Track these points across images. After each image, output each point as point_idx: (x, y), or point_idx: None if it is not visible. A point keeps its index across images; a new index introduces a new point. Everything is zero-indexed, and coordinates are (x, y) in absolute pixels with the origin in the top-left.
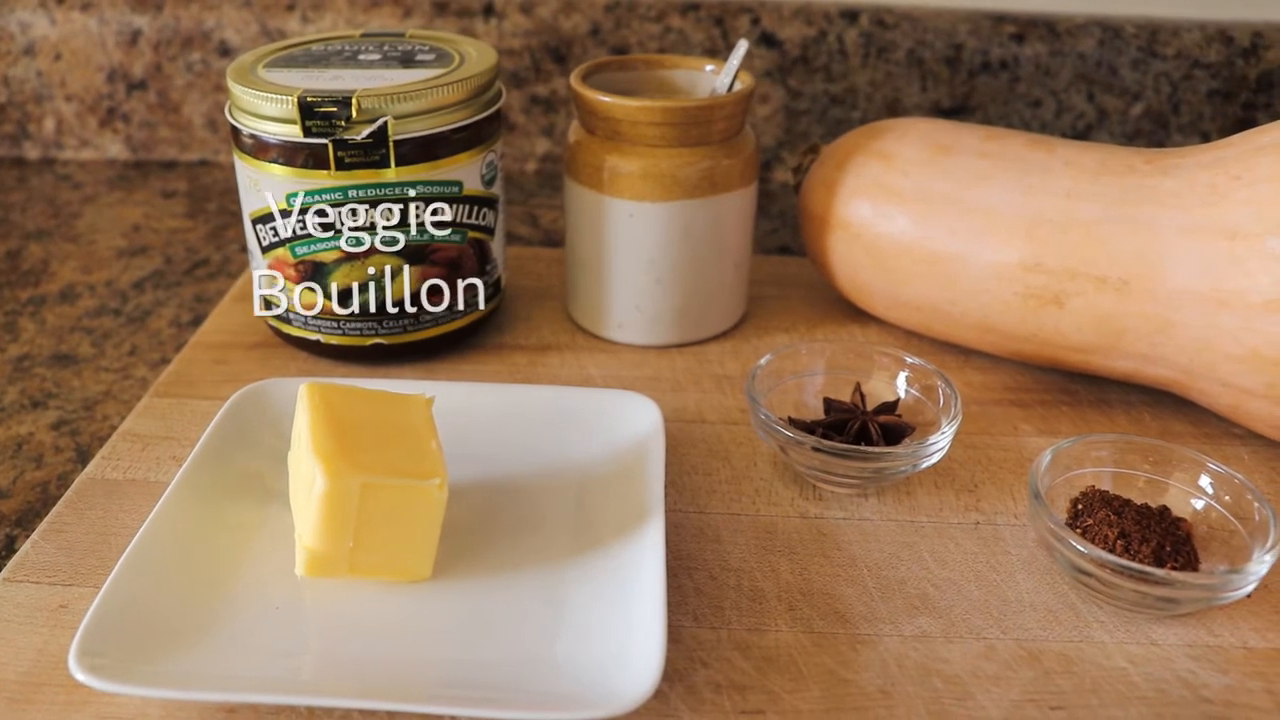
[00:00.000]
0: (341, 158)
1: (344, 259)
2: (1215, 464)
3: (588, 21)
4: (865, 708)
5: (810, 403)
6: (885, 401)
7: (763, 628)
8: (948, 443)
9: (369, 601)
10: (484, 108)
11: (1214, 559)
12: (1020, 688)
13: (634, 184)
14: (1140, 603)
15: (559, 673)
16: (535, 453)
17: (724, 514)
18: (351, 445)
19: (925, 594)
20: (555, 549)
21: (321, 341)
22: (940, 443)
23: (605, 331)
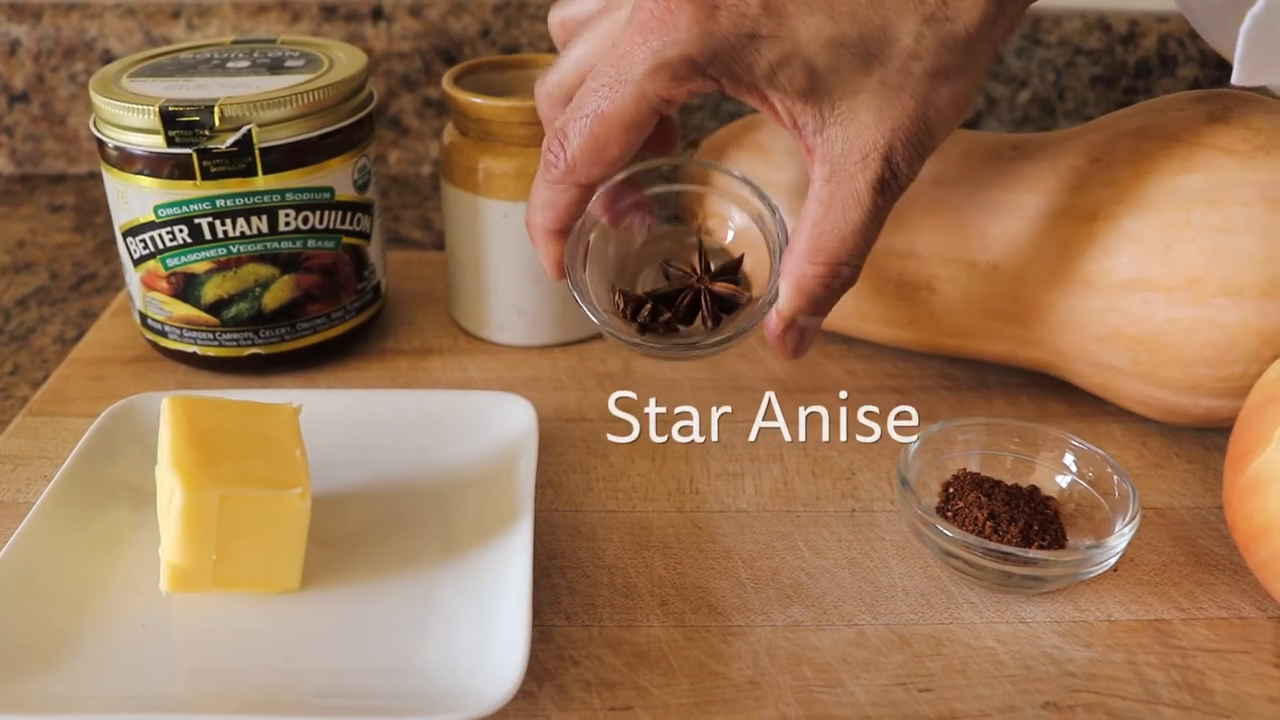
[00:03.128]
0: (207, 167)
1: (216, 269)
2: (1079, 441)
3: (478, 23)
4: (734, 699)
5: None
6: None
7: (634, 624)
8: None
9: (237, 614)
10: (354, 112)
11: (1081, 535)
12: (890, 672)
13: (508, 184)
14: (1008, 582)
15: (426, 676)
16: (409, 457)
17: (600, 511)
18: (211, 457)
19: (799, 583)
20: (426, 553)
21: (198, 354)
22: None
23: (487, 333)
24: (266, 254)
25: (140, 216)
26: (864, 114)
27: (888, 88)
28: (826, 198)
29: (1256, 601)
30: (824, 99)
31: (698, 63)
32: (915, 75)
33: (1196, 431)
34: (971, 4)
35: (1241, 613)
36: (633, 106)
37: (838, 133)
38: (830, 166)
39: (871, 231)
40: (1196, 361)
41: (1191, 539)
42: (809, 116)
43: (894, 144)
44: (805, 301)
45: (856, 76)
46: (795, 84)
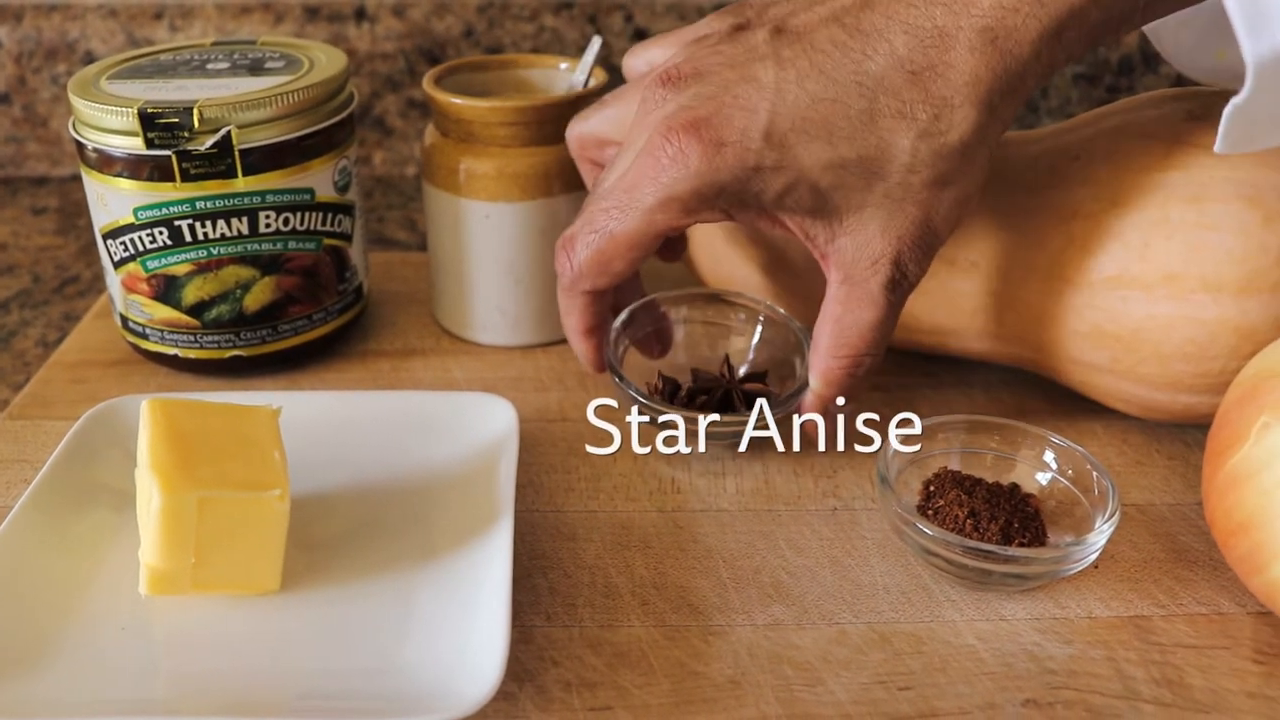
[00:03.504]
0: (186, 169)
1: (196, 271)
2: (1059, 438)
3: (461, 23)
4: (715, 699)
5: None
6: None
7: (615, 624)
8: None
9: (217, 616)
10: (334, 113)
11: (1061, 532)
12: (870, 670)
13: (489, 185)
14: (988, 580)
15: (406, 678)
16: (390, 458)
17: (581, 512)
18: (190, 460)
19: (780, 582)
20: (406, 554)
21: (179, 356)
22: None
23: (469, 334)
24: (247, 256)
25: (120, 219)
26: (871, 225)
27: (891, 200)
28: (844, 298)
29: (1235, 597)
30: (832, 215)
31: (706, 196)
32: (915, 186)
33: (1177, 428)
34: (963, 116)
35: (1220, 608)
36: (639, 232)
37: (848, 242)
38: (845, 272)
39: (887, 325)
40: (1175, 358)
41: (1172, 535)
42: (819, 230)
43: (901, 250)
44: (832, 390)
45: (860, 193)
46: (803, 205)
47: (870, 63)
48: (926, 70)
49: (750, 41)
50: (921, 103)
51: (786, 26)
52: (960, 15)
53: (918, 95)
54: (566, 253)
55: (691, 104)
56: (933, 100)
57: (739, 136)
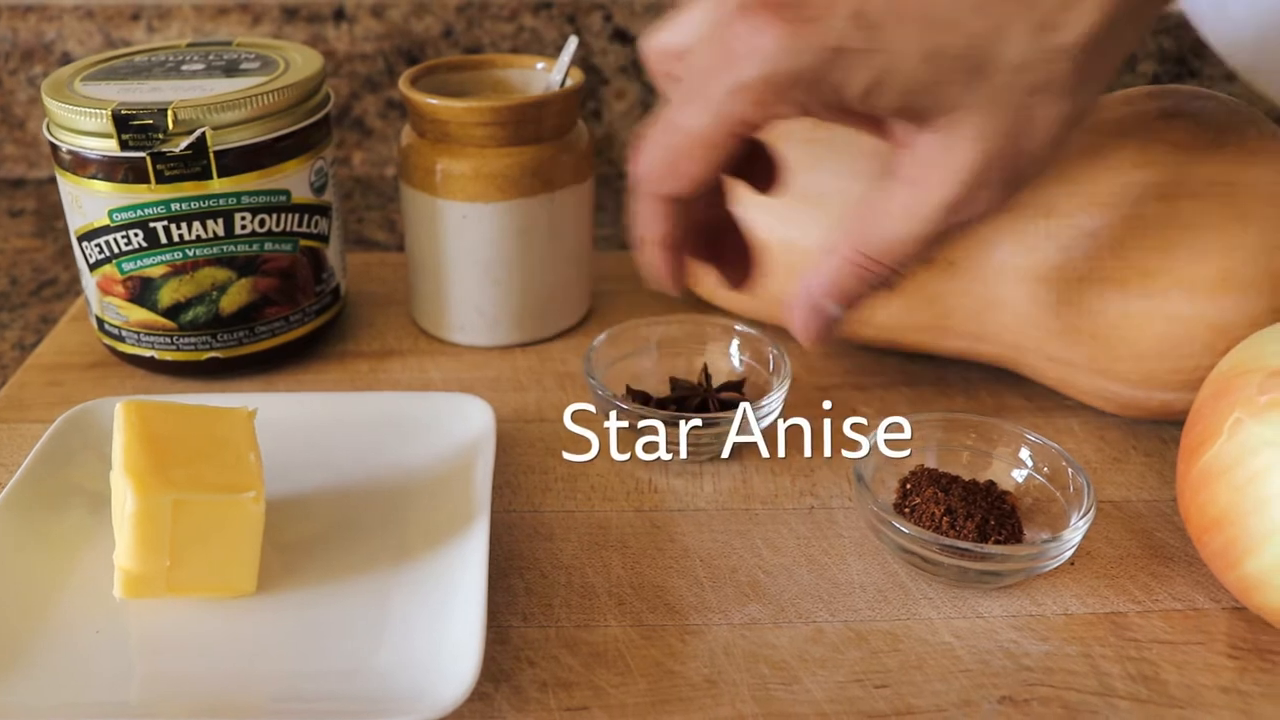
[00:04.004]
0: (161, 171)
1: (172, 273)
2: (1035, 436)
3: (440, 23)
4: (691, 698)
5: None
6: (731, 380)
7: (592, 624)
8: (779, 403)
9: (193, 619)
10: (309, 114)
11: (1037, 529)
12: (847, 669)
13: (465, 185)
14: (965, 577)
15: (381, 679)
16: (367, 460)
17: (558, 512)
18: (164, 462)
19: (756, 581)
20: (383, 556)
21: (156, 358)
22: (772, 404)
23: (447, 334)
24: (223, 257)
25: (95, 221)
26: (963, 129)
27: (991, 105)
28: (892, 193)
29: (1211, 593)
30: (922, 116)
31: (780, 84)
32: (1019, 89)
33: (1154, 425)
34: (1092, 8)
35: (1196, 604)
36: (708, 127)
37: (932, 141)
38: (916, 171)
39: (926, 250)
40: (1151, 355)
41: (1148, 532)
42: (901, 126)
43: (986, 168)
44: (836, 287)
45: (959, 91)
46: (891, 102)
47: None
48: None
49: None
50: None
51: None
52: None
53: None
54: (639, 154)
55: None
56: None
57: (822, 13)
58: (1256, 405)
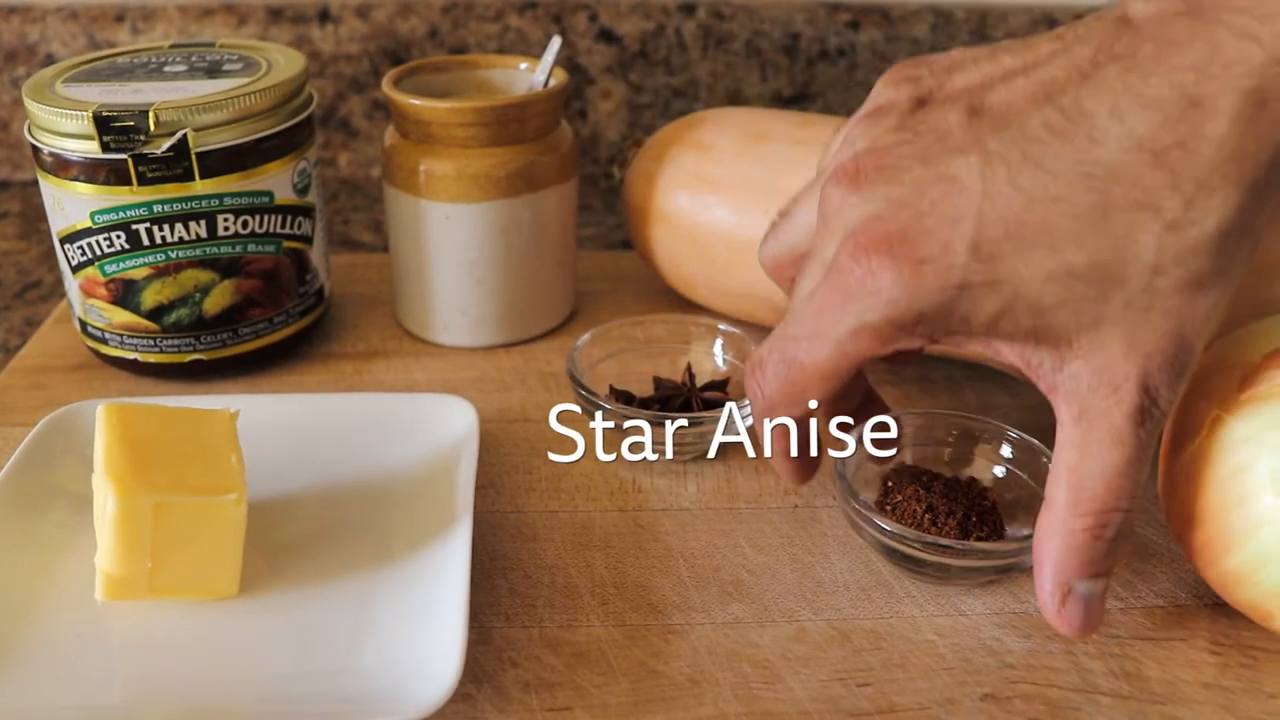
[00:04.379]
0: (143, 172)
1: (154, 275)
2: (1014, 431)
3: (425, 24)
4: (673, 697)
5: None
6: (715, 380)
7: (575, 624)
8: None
9: (175, 622)
10: (292, 115)
11: (1019, 525)
12: (829, 667)
13: (449, 186)
14: (947, 574)
15: (364, 680)
16: (350, 461)
17: (542, 512)
18: (146, 464)
19: (740, 580)
20: (366, 557)
21: (139, 360)
22: None
23: (431, 335)
24: (206, 259)
25: (77, 223)
26: (1111, 344)
27: (1133, 311)
28: (1080, 440)
29: (1193, 589)
30: (1060, 337)
31: (904, 324)
32: (1163, 291)
33: None
34: (1222, 200)
35: (1178, 600)
36: (832, 363)
37: (1082, 367)
38: (1080, 405)
39: (1138, 469)
40: None
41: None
42: (1045, 356)
43: (1149, 370)
44: (1079, 561)
45: (1094, 306)
46: (1022, 327)
47: (1099, 148)
48: (1174, 148)
49: (941, 124)
50: (1168, 188)
51: (985, 107)
52: (1219, 78)
53: (1162, 180)
54: (757, 380)
55: (881, 212)
56: (1182, 184)
57: (939, 252)
58: (1235, 402)
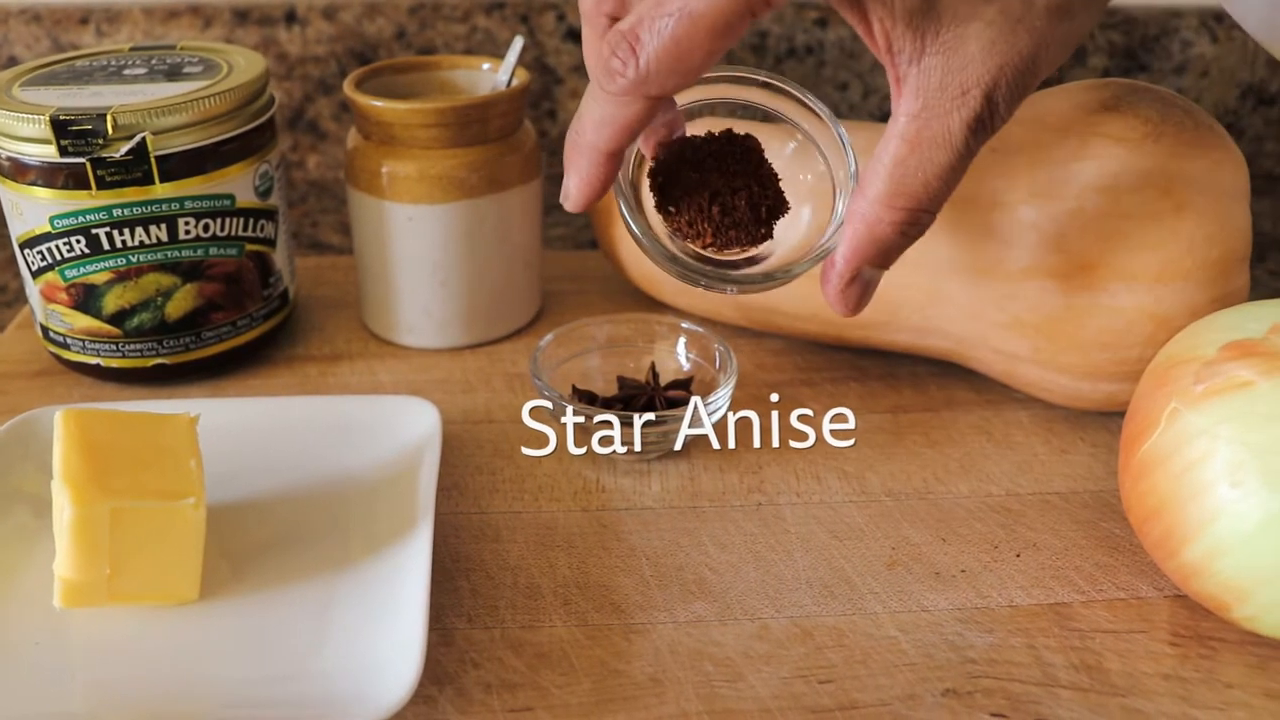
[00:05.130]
0: (102, 176)
1: (116, 280)
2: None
3: (392, 25)
4: (635, 697)
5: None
6: (678, 379)
7: (537, 624)
8: (727, 399)
9: (135, 628)
10: (253, 118)
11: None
12: (791, 664)
13: (411, 187)
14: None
15: (324, 683)
16: (313, 464)
17: (505, 512)
18: (103, 470)
19: (703, 579)
20: (328, 560)
21: (102, 365)
22: (719, 400)
23: (397, 337)
24: (167, 263)
25: (36, 228)
26: (972, 44)
27: (1005, 19)
28: (913, 135)
29: (1154, 581)
30: (930, 24)
31: None
32: (1037, 8)
33: (1102, 416)
34: None
35: (1139, 593)
36: (725, 8)
37: (938, 63)
38: (922, 101)
39: (957, 175)
40: (1094, 346)
41: (1093, 522)
42: (907, 42)
43: (999, 80)
44: (877, 250)
45: (974, 5)
46: (907, 3)
47: None
48: None
49: None
50: None
51: None
52: None
53: None
54: (629, 44)
55: None
56: None
57: None
58: (1192, 395)
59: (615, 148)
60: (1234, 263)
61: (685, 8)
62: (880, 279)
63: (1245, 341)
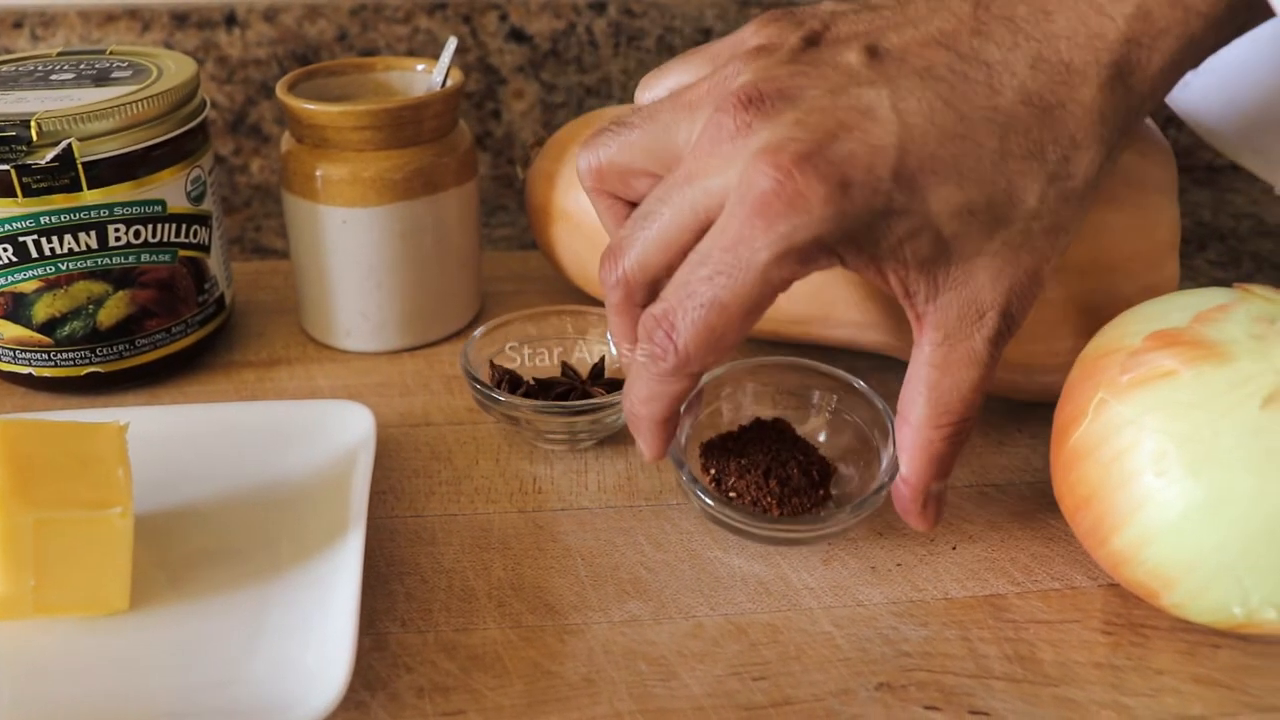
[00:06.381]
0: (28, 183)
1: (45, 288)
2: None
3: (334, 27)
4: (568, 698)
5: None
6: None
7: (470, 627)
8: None
9: (64, 640)
10: (183, 122)
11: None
12: (725, 662)
13: (344, 190)
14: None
15: (255, 689)
16: (248, 469)
17: (441, 515)
18: (28, 481)
19: (638, 578)
20: (261, 566)
21: (34, 375)
22: None
23: (335, 340)
24: (98, 270)
25: None
26: (981, 275)
27: (1008, 248)
28: (941, 361)
29: (1088, 571)
30: (941, 266)
31: (828, 244)
32: (1035, 233)
33: (1040, 407)
34: (1089, 158)
35: (1074, 583)
36: (755, 294)
37: (952, 298)
38: (945, 330)
39: (988, 383)
40: (1026, 338)
41: (1030, 513)
42: (922, 284)
43: (1010, 301)
44: (935, 467)
45: (978, 241)
46: (919, 255)
47: (999, 97)
48: (1056, 108)
49: (841, 61)
50: (1052, 143)
51: (882, 48)
52: (1088, 49)
53: (1048, 135)
54: (664, 332)
55: (797, 134)
56: (1061, 141)
57: (864, 175)
58: (1119, 385)
59: (668, 415)
60: (1163, 253)
61: (716, 300)
62: (947, 485)
63: (1169, 331)
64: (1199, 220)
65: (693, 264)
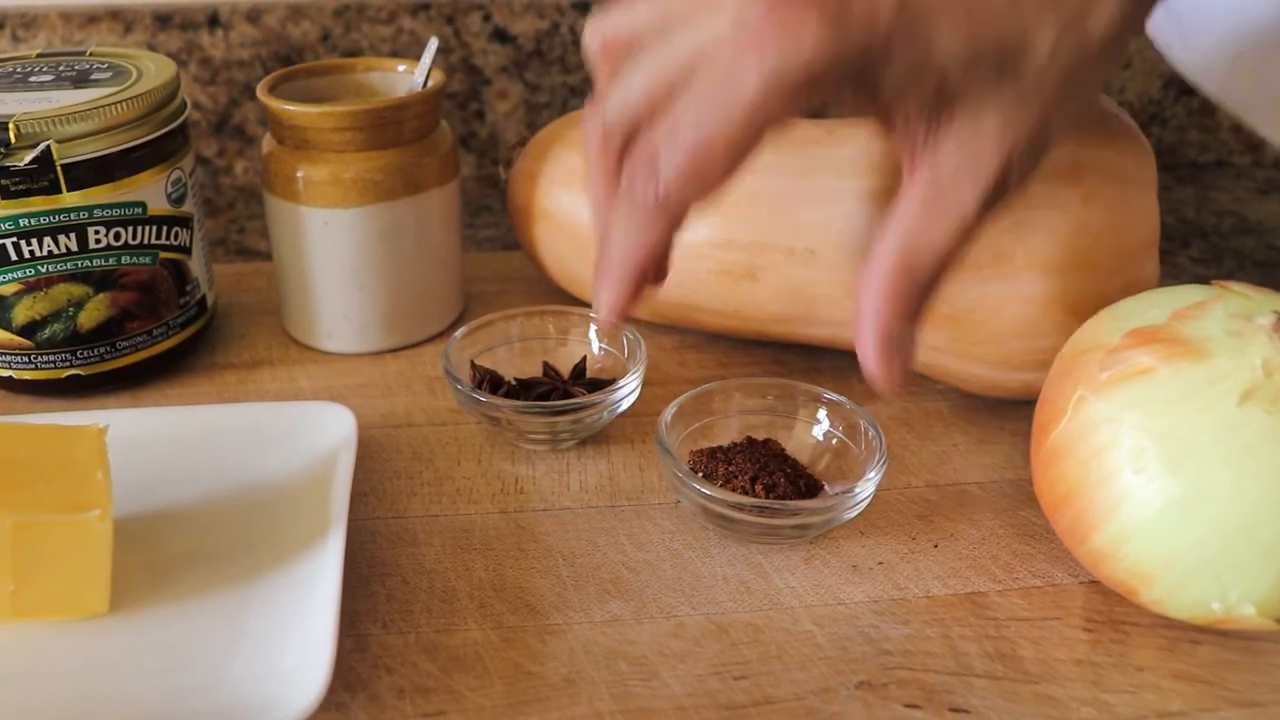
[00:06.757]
0: (6, 186)
1: (25, 291)
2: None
3: (317, 28)
4: (549, 698)
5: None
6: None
7: (451, 628)
8: (638, 383)
9: (43, 644)
10: (163, 124)
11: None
12: (706, 662)
13: (325, 191)
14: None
15: (235, 691)
16: (229, 472)
17: (423, 516)
18: (5, 485)
19: (619, 578)
20: (242, 568)
21: (15, 378)
22: (629, 385)
23: (317, 342)
24: (78, 273)
25: None
26: (986, 123)
27: (1016, 98)
28: (925, 203)
29: (1069, 568)
30: (945, 110)
31: (823, 77)
32: (1046, 85)
33: (1022, 405)
34: (1109, 11)
35: (1055, 580)
36: (742, 130)
37: (952, 146)
38: (935, 174)
39: (963, 244)
40: (1008, 336)
41: (1012, 511)
42: (923, 125)
43: (1011, 157)
44: (896, 303)
45: (986, 87)
46: (923, 93)
47: None
48: None
49: None
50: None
51: None
52: None
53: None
54: (650, 168)
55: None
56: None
57: (865, 4)
58: (1097, 383)
59: (641, 266)
60: (1142, 250)
61: (700, 137)
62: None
63: (1147, 329)
64: (1182, 218)
65: (680, 102)
